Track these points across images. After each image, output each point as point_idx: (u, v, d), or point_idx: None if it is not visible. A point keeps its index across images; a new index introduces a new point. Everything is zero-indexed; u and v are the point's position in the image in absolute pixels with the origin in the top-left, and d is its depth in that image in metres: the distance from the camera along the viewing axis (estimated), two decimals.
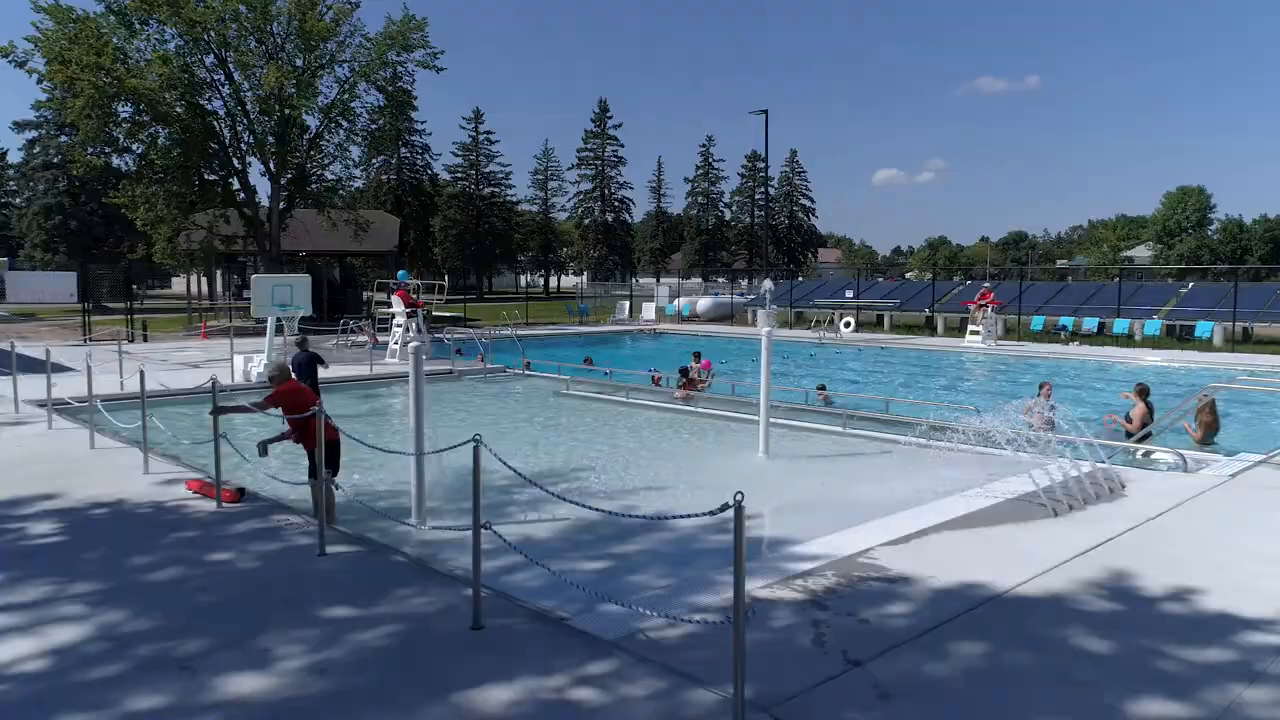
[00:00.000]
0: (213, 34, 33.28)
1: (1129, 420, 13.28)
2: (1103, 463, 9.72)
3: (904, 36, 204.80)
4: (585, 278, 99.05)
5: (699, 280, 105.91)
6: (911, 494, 9.21)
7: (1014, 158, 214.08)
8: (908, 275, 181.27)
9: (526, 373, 20.05)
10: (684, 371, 18.83)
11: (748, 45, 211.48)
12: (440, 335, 23.43)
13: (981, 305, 27.48)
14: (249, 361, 17.36)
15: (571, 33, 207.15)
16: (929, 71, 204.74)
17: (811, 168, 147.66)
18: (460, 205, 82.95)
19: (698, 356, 22.41)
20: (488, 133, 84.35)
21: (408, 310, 21.74)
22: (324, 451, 7.30)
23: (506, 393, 17.90)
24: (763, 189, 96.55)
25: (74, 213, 57.36)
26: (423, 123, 77.12)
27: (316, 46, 34.32)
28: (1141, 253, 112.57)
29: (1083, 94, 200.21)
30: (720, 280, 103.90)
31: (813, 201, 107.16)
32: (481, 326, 34.75)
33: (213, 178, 35.59)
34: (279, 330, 17.42)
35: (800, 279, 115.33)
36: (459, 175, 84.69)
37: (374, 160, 75.24)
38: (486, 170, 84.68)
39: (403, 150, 75.96)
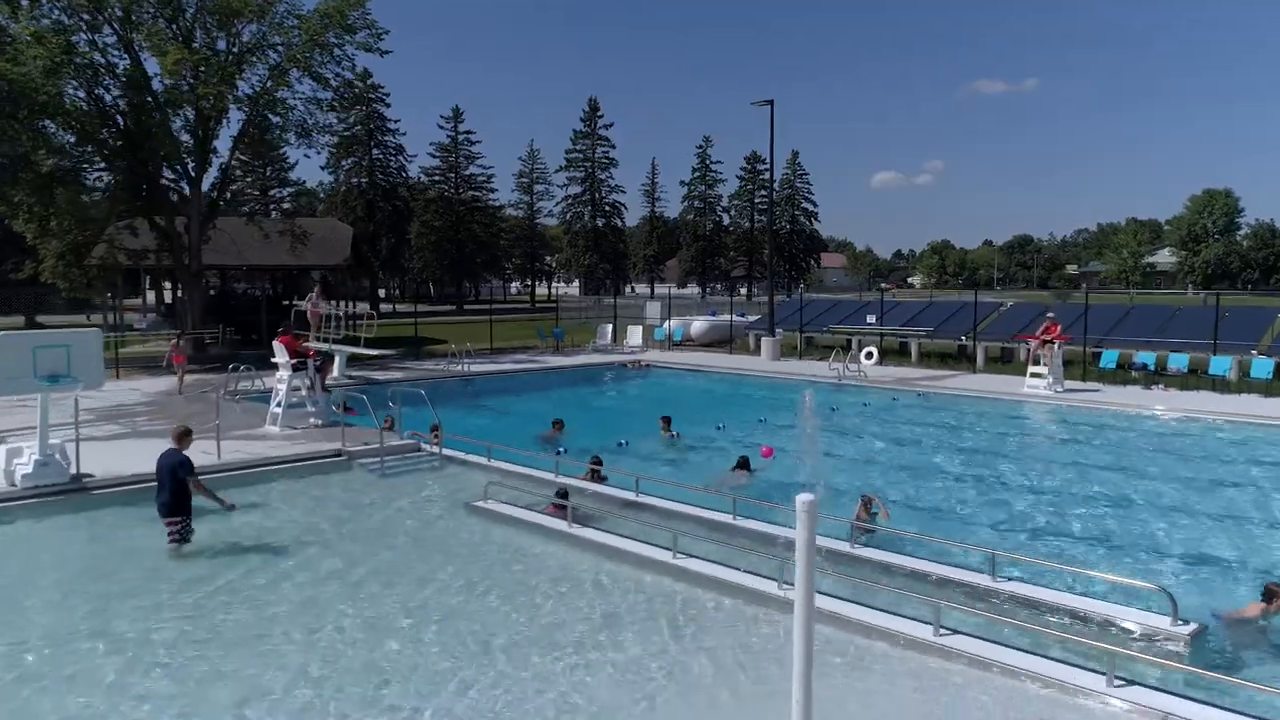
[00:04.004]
0: (116, 8, 27.68)
1: None
2: None
3: (901, 38, 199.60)
4: (578, 285, 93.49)
5: (696, 287, 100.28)
6: None
7: (1014, 160, 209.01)
8: (910, 280, 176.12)
9: (442, 452, 14.36)
10: (744, 464, 13.43)
11: (744, 45, 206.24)
12: (331, 383, 17.72)
13: (1046, 341, 21.80)
14: (15, 456, 11.66)
15: (560, 30, 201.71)
16: (927, 73, 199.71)
17: (809, 170, 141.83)
18: (438, 210, 77.24)
19: (668, 422, 16.81)
20: (468, 133, 78.79)
21: (293, 361, 16.04)
22: None
23: (396, 499, 12.16)
24: (765, 191, 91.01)
25: None
26: (396, 121, 71.59)
27: (231, 24, 28.69)
28: (1164, 258, 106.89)
29: (1082, 95, 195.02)
30: (719, 287, 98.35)
31: (815, 205, 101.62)
32: (433, 355, 28.93)
33: (117, 179, 30.00)
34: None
35: (802, 285, 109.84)
36: (437, 179, 79.00)
37: (343, 162, 69.68)
38: (467, 173, 79.01)
39: (375, 151, 70.32)
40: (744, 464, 13.82)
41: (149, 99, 28.83)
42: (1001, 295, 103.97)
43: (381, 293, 79.41)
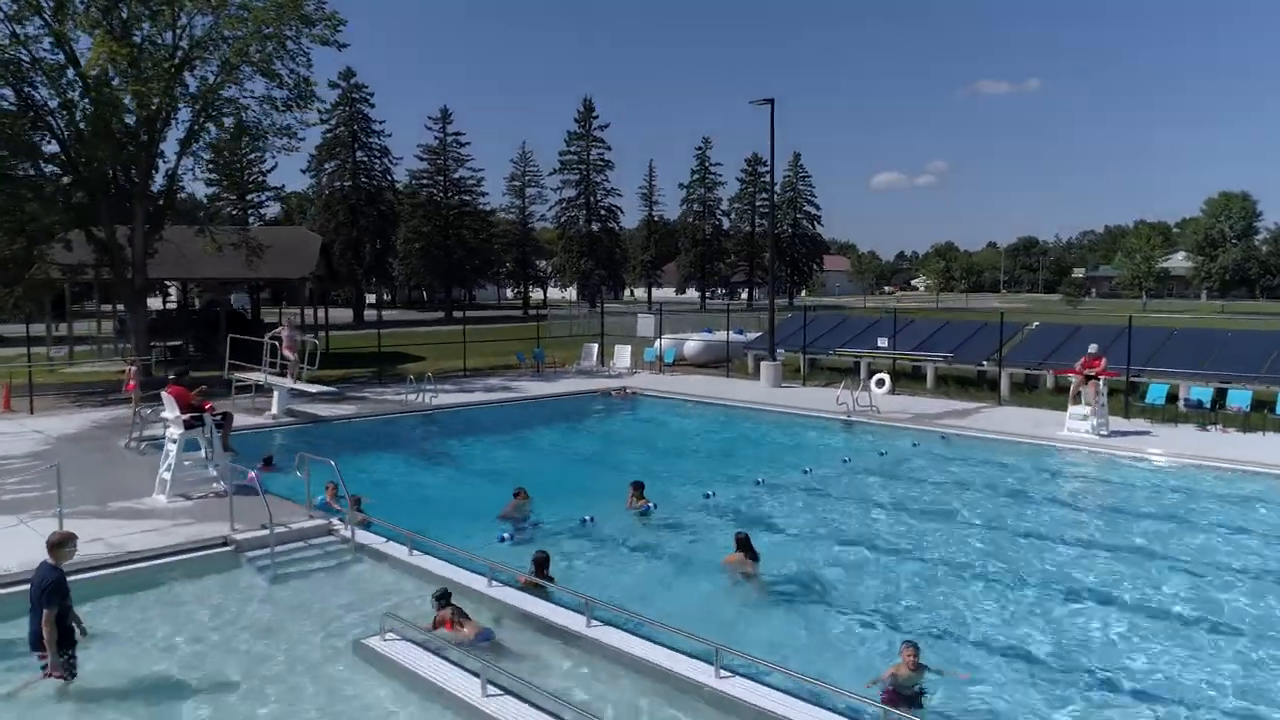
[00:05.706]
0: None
1: None
2: None
3: (901, 38, 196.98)
4: (574, 291, 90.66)
5: (695, 291, 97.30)
6: None
7: (1017, 160, 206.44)
8: (914, 282, 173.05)
9: (355, 538, 11.47)
10: (745, 544, 10.89)
11: (743, 45, 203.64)
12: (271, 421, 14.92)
13: (1089, 378, 18.86)
14: None
15: (553, 28, 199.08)
16: (928, 73, 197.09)
17: (811, 172, 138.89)
18: (426, 215, 74.38)
19: (639, 488, 13.89)
20: (457, 134, 75.87)
21: (185, 417, 13.14)
22: None
23: (274, 625, 9.23)
24: (765, 194, 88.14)
25: None
26: (381, 123, 68.81)
27: (173, 15, 25.83)
28: (1177, 262, 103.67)
29: (1084, 96, 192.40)
30: (720, 291, 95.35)
31: (818, 208, 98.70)
32: (402, 376, 25.82)
33: (49, 189, 27.12)
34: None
35: (804, 291, 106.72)
36: (424, 182, 76.13)
37: (325, 165, 66.88)
38: (456, 176, 76.11)
39: (358, 154, 67.48)
40: (744, 545, 10.90)
41: (84, 98, 25.96)
42: (1008, 299, 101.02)
43: (371, 299, 76.58)
